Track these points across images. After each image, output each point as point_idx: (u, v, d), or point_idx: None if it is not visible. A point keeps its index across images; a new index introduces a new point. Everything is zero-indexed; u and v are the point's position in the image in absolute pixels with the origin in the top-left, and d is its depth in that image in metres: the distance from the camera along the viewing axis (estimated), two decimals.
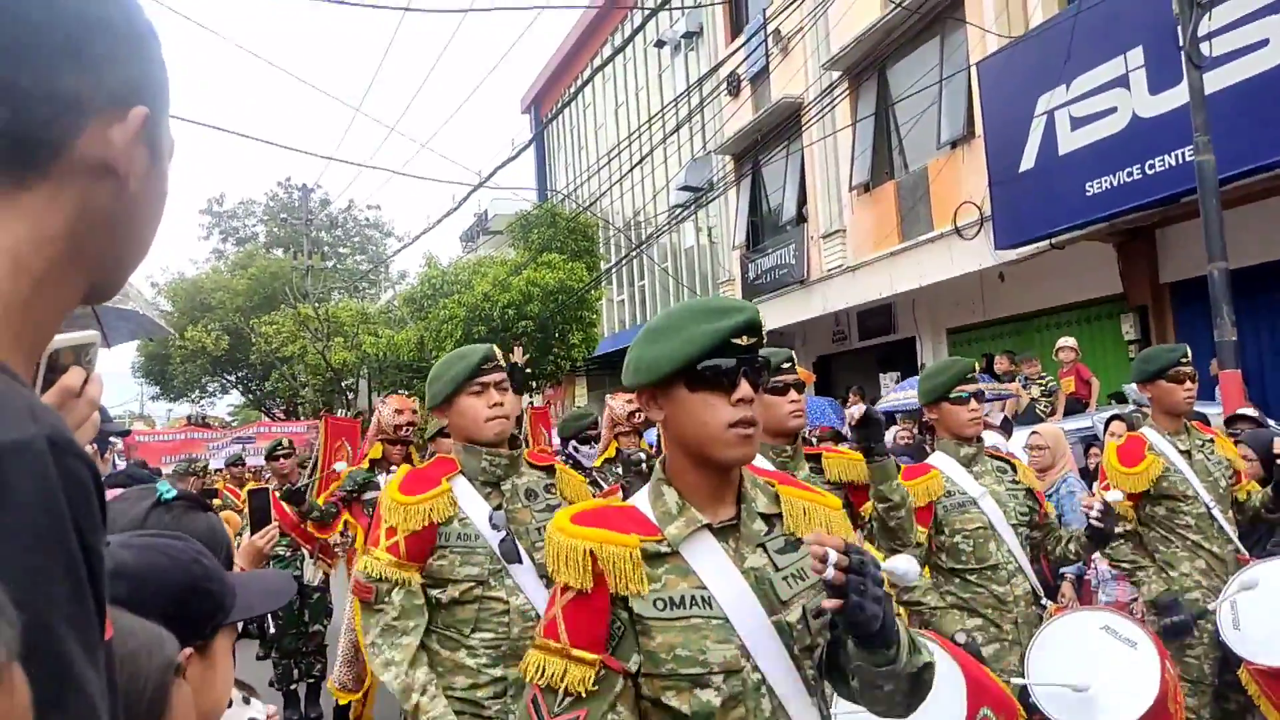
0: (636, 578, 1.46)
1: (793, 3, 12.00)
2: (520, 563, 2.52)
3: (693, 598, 1.47)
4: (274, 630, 6.20)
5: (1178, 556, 3.68)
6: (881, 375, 13.67)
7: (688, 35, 19.06)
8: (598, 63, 21.13)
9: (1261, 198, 8.32)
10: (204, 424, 20.63)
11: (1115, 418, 5.88)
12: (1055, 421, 7.60)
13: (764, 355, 1.53)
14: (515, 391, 5.22)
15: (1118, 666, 2.89)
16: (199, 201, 40.57)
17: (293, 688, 6.44)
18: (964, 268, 11.39)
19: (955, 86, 11.64)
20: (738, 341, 1.47)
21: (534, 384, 18.38)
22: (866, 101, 13.53)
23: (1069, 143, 9.28)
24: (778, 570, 1.53)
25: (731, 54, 16.48)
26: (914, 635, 1.51)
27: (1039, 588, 3.32)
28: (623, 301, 24.21)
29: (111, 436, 4.06)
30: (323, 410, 18.38)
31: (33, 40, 0.65)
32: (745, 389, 1.47)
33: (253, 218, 36.12)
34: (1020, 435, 6.51)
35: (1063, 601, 5.08)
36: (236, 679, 1.44)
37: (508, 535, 2.53)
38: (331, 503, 5.44)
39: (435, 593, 2.56)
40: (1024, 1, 10.67)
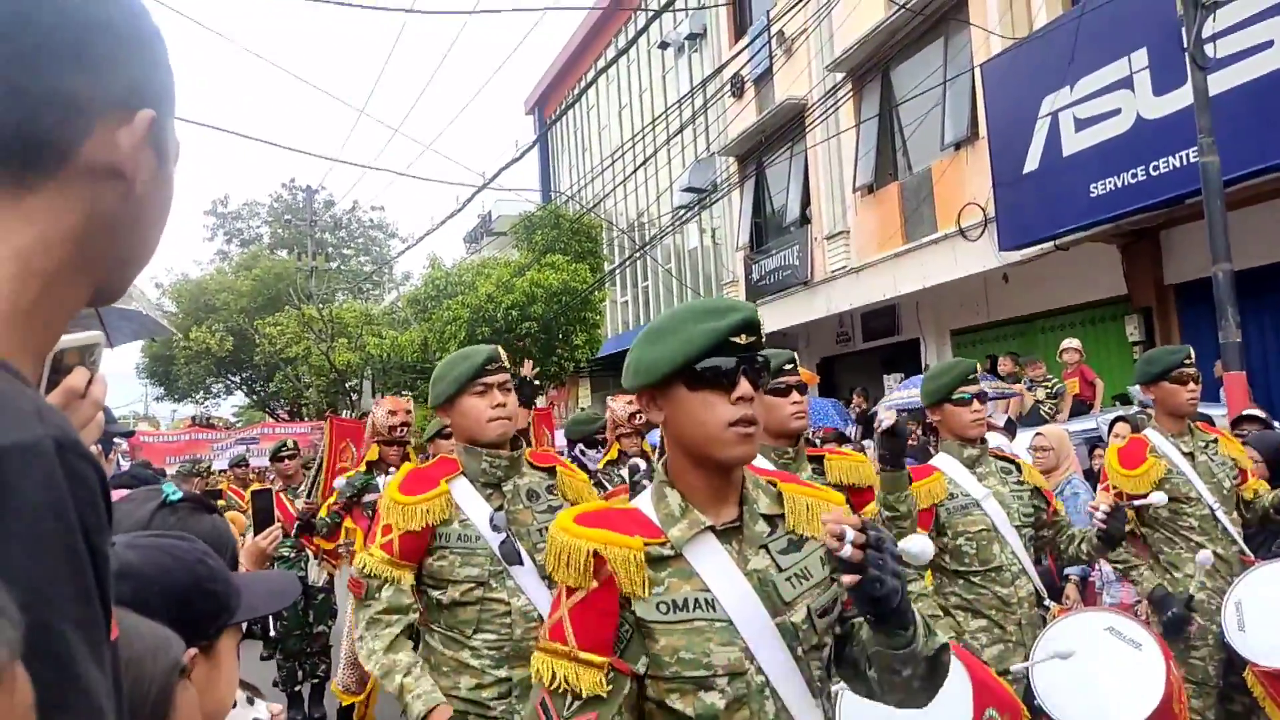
0: (640, 580, 1.45)
1: (796, 4, 11.99)
2: (521, 564, 2.52)
3: (696, 600, 1.47)
4: (275, 631, 6.20)
5: (1181, 558, 3.67)
6: (885, 377, 13.64)
7: (691, 37, 19.07)
8: (602, 64, 21.09)
9: (1266, 199, 8.29)
10: (208, 425, 20.70)
11: (1119, 419, 5.87)
12: (1061, 423, 7.59)
13: (765, 356, 1.53)
14: (524, 405, 5.24)
15: (1122, 668, 2.88)
16: (203, 203, 40.67)
17: (297, 689, 6.46)
18: (968, 269, 11.37)
19: (959, 88, 11.62)
20: (736, 340, 1.47)
21: (526, 360, 18.35)
22: (870, 103, 13.52)
23: (1073, 144, 9.26)
24: (781, 571, 1.52)
25: (735, 55, 16.49)
26: (926, 619, 1.52)
27: (1043, 589, 3.31)
28: (626, 303, 24.21)
29: (116, 437, 4.07)
30: (327, 411, 18.41)
31: (41, 44, 0.66)
32: (745, 387, 1.46)
33: (257, 219, 36.21)
34: (1024, 437, 6.50)
35: (1067, 603, 5.07)
36: (241, 680, 1.44)
37: (508, 537, 2.53)
38: (334, 512, 5.48)
39: (436, 594, 2.56)
40: (1028, 3, 10.66)
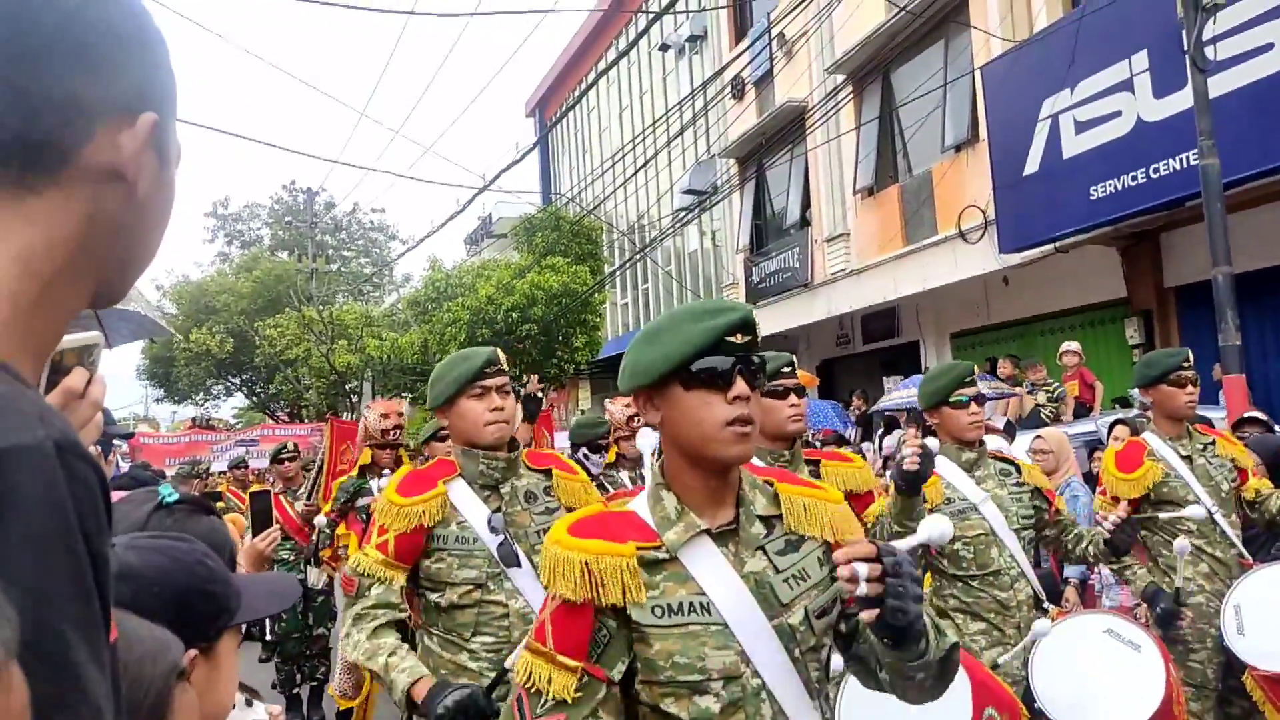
0: (634, 587, 1.45)
1: (797, 7, 12.00)
2: (519, 566, 2.52)
3: (691, 604, 1.47)
4: (273, 634, 6.21)
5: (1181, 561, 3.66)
6: (885, 379, 13.64)
7: (692, 39, 19.08)
8: (602, 66, 21.12)
9: (1266, 201, 8.30)
10: (208, 426, 20.70)
11: (1119, 422, 5.88)
12: (1062, 426, 7.59)
13: (761, 356, 1.53)
14: (527, 420, 5.23)
15: (1121, 669, 2.88)
16: (204, 204, 40.62)
17: (295, 691, 6.46)
18: (968, 271, 11.37)
19: (959, 90, 11.63)
20: (732, 340, 1.47)
21: (532, 375, 18.34)
22: (870, 105, 13.52)
23: (1073, 146, 9.26)
24: (778, 572, 1.52)
25: (736, 58, 16.49)
26: (935, 619, 1.51)
27: (1041, 592, 3.31)
28: (626, 305, 24.20)
29: (115, 439, 4.06)
30: (327, 413, 18.41)
31: (45, 47, 0.66)
32: (741, 386, 1.46)
33: (257, 221, 36.20)
34: (1024, 439, 6.50)
35: (1066, 606, 5.07)
36: (240, 682, 1.44)
37: (506, 539, 2.52)
38: (330, 520, 5.49)
39: (434, 597, 2.55)
40: (1028, 5, 10.67)
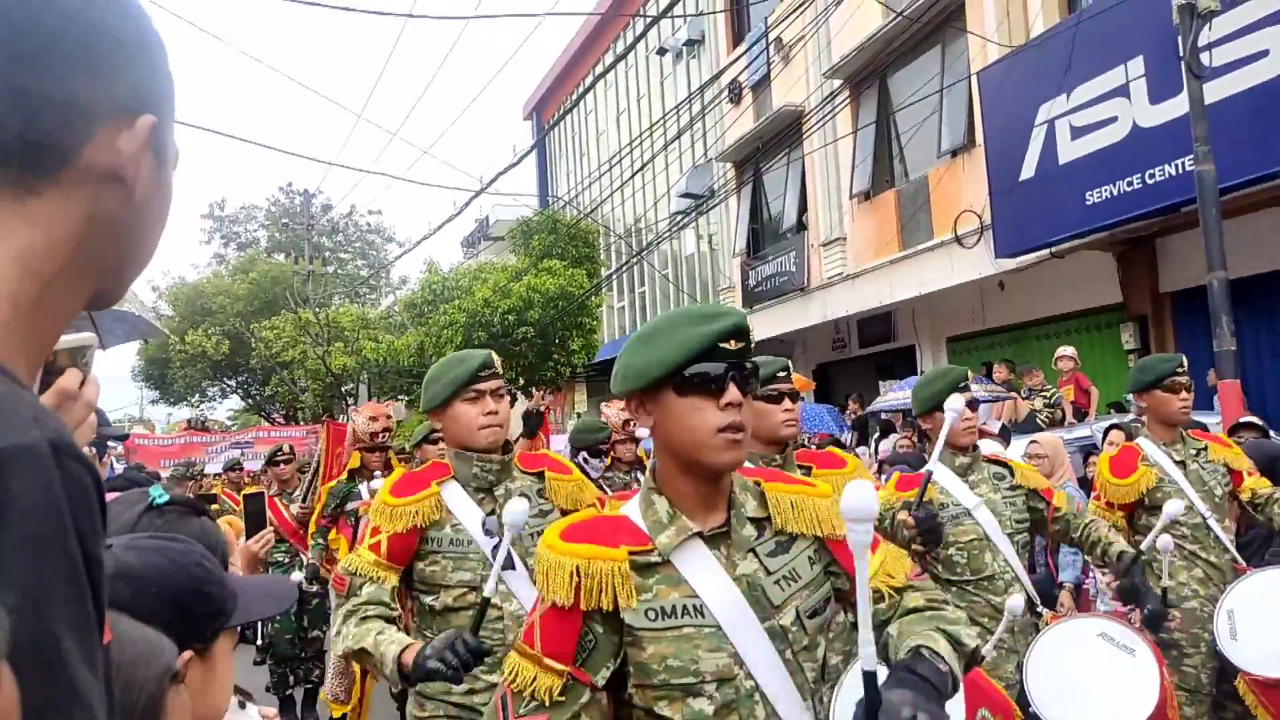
0: (626, 591, 1.46)
1: (794, 11, 12.03)
2: (514, 569, 2.52)
3: (684, 607, 1.47)
4: (266, 637, 6.20)
5: (1175, 566, 3.67)
6: (881, 383, 13.66)
7: (689, 43, 19.09)
8: (600, 70, 21.15)
9: (1262, 207, 8.32)
10: (203, 428, 20.64)
11: (1114, 427, 5.89)
12: (1058, 431, 7.60)
13: (757, 363, 1.53)
14: (528, 436, 5.21)
15: (1116, 673, 2.88)
16: (200, 206, 40.61)
17: (289, 693, 6.44)
18: (964, 276, 11.39)
19: (956, 95, 11.65)
20: (725, 346, 1.47)
21: (533, 389, 18.38)
22: (867, 110, 13.55)
23: (1069, 152, 9.29)
24: (769, 574, 1.53)
25: (733, 62, 16.52)
26: (953, 633, 1.50)
27: (1035, 596, 3.32)
28: (623, 308, 24.21)
29: (110, 440, 4.06)
30: (323, 415, 18.39)
31: (46, 49, 0.66)
32: (733, 393, 1.46)
33: (254, 222, 36.18)
34: (1019, 444, 6.51)
35: (1061, 610, 5.08)
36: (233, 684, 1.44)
37: (500, 542, 2.52)
38: (322, 527, 5.49)
39: (429, 599, 2.55)
40: (1025, 11, 10.70)
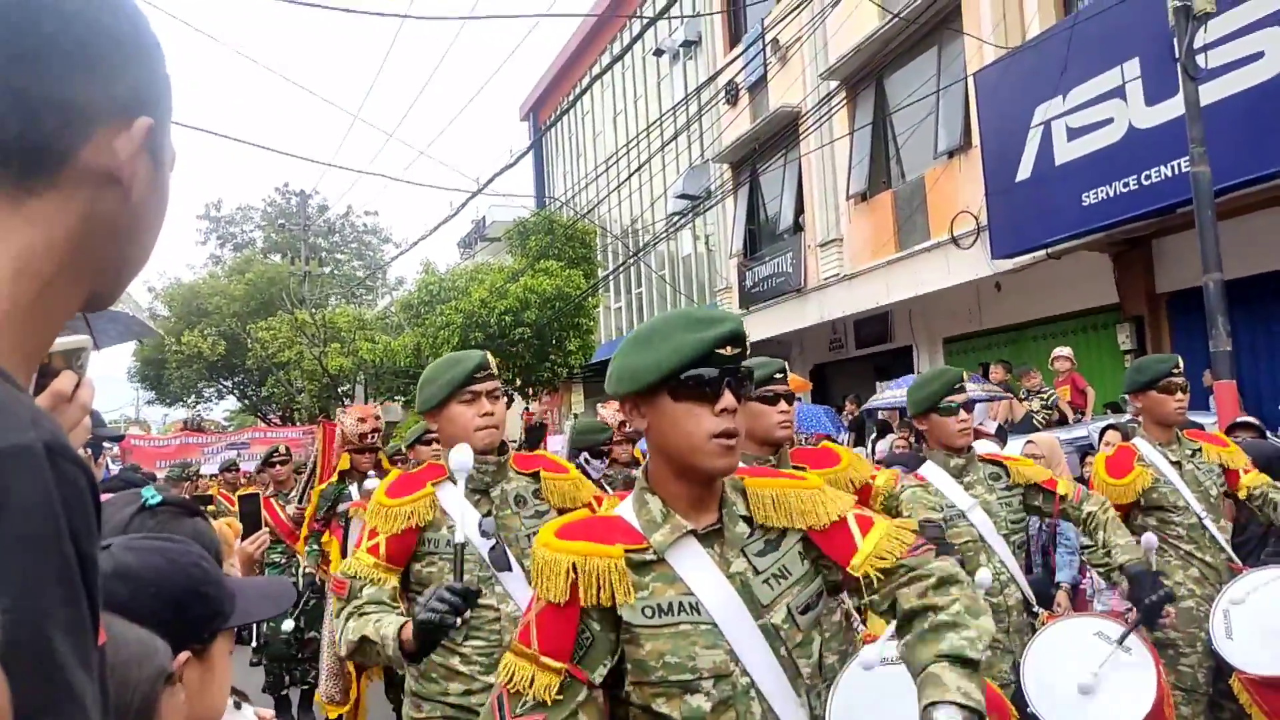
0: (622, 588, 1.46)
1: (791, 12, 12.04)
2: (510, 570, 2.51)
3: (680, 604, 1.48)
4: (263, 637, 6.19)
5: (1171, 566, 3.68)
6: (878, 384, 13.67)
7: (686, 44, 19.10)
8: (596, 70, 21.14)
9: (1257, 208, 8.34)
10: (199, 429, 20.61)
11: (1110, 427, 5.89)
12: (1055, 431, 7.60)
13: (753, 365, 1.54)
14: (529, 446, 5.18)
15: (1112, 672, 2.89)
16: (197, 207, 40.57)
17: (284, 694, 6.42)
18: (960, 277, 11.40)
19: (952, 97, 11.67)
20: (722, 352, 1.47)
21: (530, 390, 18.39)
22: (864, 111, 13.56)
23: (1065, 153, 9.30)
24: (758, 574, 1.53)
25: (730, 63, 16.52)
26: (956, 653, 1.47)
27: (1031, 596, 3.32)
28: (620, 309, 24.21)
29: (106, 441, 4.05)
30: (320, 416, 18.36)
31: (44, 50, 0.66)
32: (728, 399, 1.47)
33: (250, 223, 36.16)
34: (1015, 444, 6.51)
35: (1058, 610, 5.08)
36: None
37: (498, 543, 2.52)
38: (315, 531, 5.49)
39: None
40: (1021, 12, 10.72)
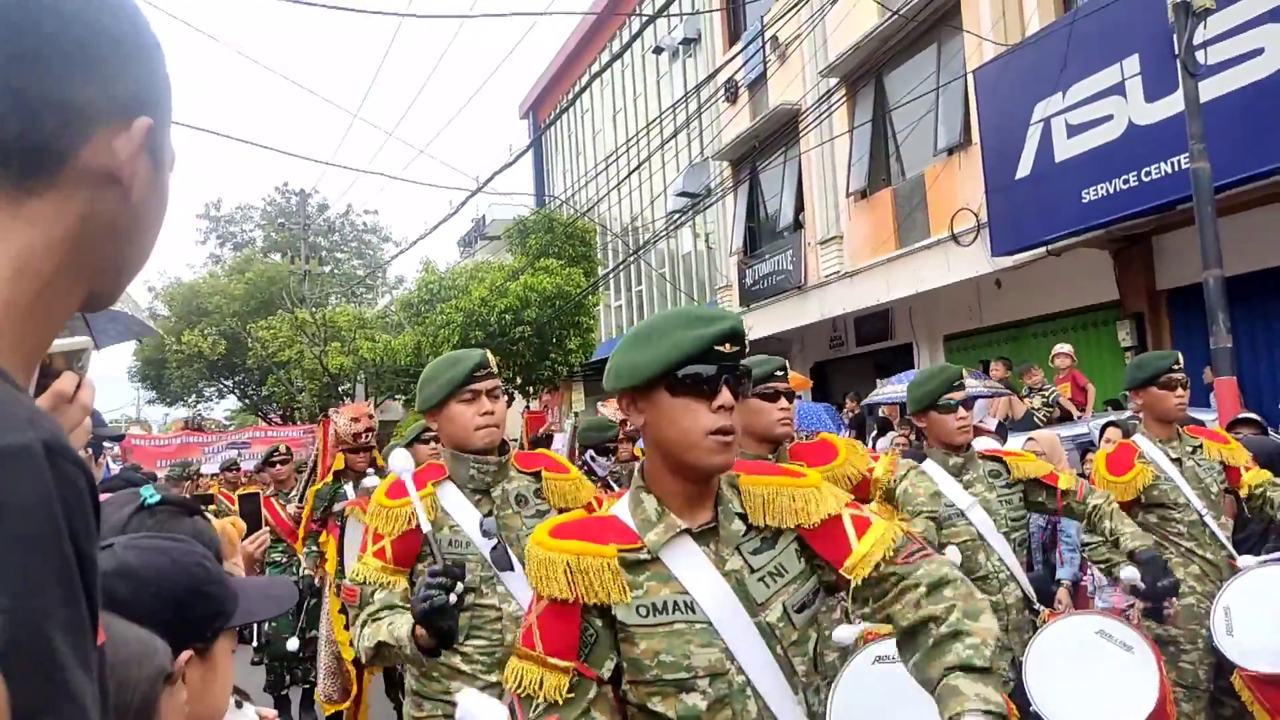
0: (616, 587, 1.46)
1: (790, 10, 12.03)
2: (512, 569, 2.51)
3: (675, 603, 1.48)
4: (263, 636, 6.19)
5: (1171, 563, 3.67)
6: (879, 381, 13.67)
7: (686, 42, 19.09)
8: (596, 68, 21.12)
9: (1257, 205, 8.33)
10: (199, 428, 20.60)
11: (1110, 424, 5.89)
12: (1056, 429, 7.60)
13: (753, 363, 1.54)
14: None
15: (1114, 670, 2.89)
16: (196, 206, 40.54)
17: (284, 693, 6.42)
18: (961, 274, 11.40)
19: (952, 94, 11.66)
20: (720, 349, 1.47)
21: (530, 388, 18.39)
22: (864, 108, 13.55)
23: (1065, 150, 9.30)
24: (753, 572, 1.53)
25: (729, 60, 16.52)
26: (966, 663, 1.44)
27: (1032, 593, 3.32)
28: (620, 307, 24.20)
29: (106, 441, 4.06)
30: (321, 415, 18.32)
31: (44, 51, 0.66)
32: (726, 396, 1.47)
33: (250, 222, 36.13)
34: (1016, 441, 6.51)
35: (1059, 608, 5.08)
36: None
37: (499, 542, 2.52)
38: (313, 532, 5.49)
39: None
40: (1020, 9, 10.71)
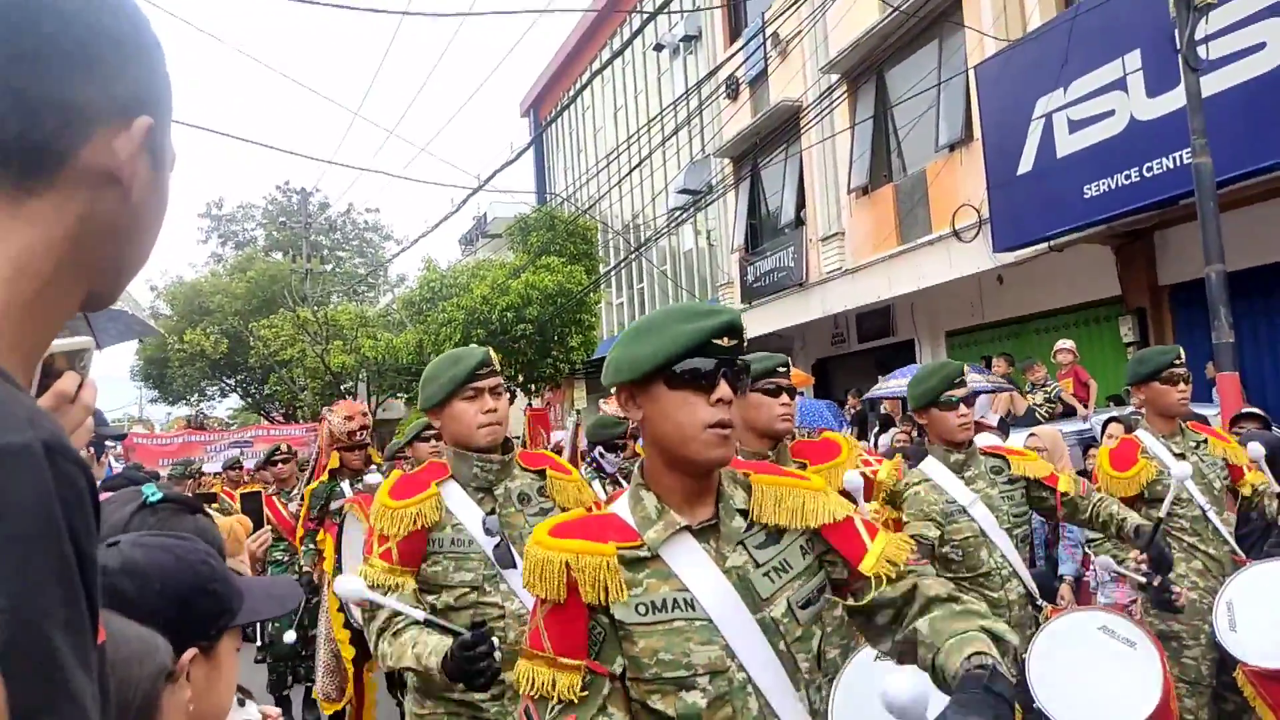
0: (615, 585, 1.46)
1: (791, 6, 12.01)
2: (515, 568, 2.51)
3: (674, 601, 1.48)
4: (266, 635, 6.20)
5: (1174, 558, 3.67)
6: (881, 377, 13.66)
7: (687, 39, 19.07)
8: (597, 66, 21.12)
9: (1259, 200, 8.32)
10: (202, 427, 20.63)
11: (1113, 420, 5.88)
12: (1058, 424, 7.60)
13: (755, 359, 1.53)
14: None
15: (1118, 667, 2.89)
16: (198, 205, 40.48)
17: (286, 692, 6.43)
18: (962, 270, 11.39)
19: (953, 89, 11.65)
20: (719, 342, 1.47)
21: (532, 386, 18.40)
22: (865, 104, 13.54)
23: (1067, 145, 9.28)
24: (758, 567, 1.53)
25: (730, 57, 16.51)
26: (996, 631, 1.47)
27: (1034, 590, 3.31)
28: (621, 304, 24.20)
29: (109, 440, 4.06)
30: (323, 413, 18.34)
31: (44, 51, 0.66)
32: (724, 390, 1.47)
33: (251, 221, 36.17)
34: (1018, 437, 6.51)
35: (1061, 604, 5.08)
36: None
37: (502, 540, 2.52)
38: (310, 531, 5.49)
39: (430, 599, 2.54)
40: (1022, 5, 10.69)
